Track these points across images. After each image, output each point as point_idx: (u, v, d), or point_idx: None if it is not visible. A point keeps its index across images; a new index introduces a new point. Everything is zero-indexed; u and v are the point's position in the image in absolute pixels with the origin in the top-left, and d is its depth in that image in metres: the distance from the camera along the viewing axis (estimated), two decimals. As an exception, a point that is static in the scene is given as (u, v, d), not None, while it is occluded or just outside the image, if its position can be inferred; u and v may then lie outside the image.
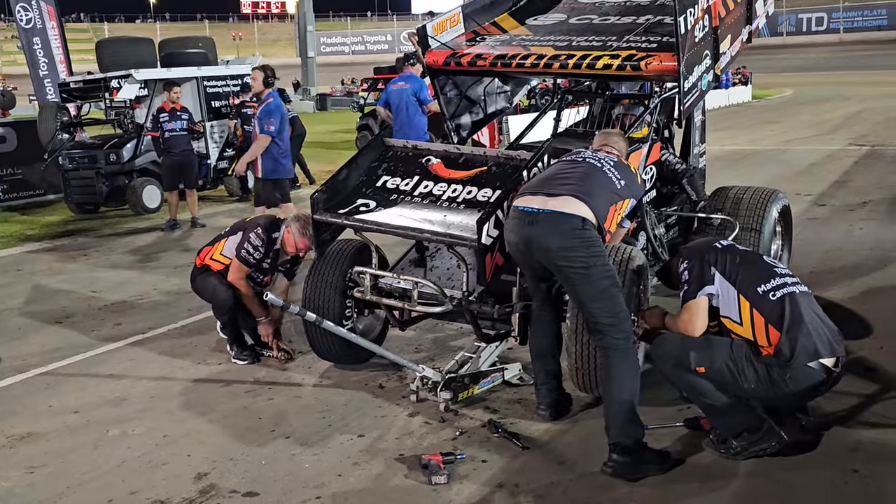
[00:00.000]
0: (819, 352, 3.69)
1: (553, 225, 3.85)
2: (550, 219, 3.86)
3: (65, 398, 4.97)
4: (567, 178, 4.04)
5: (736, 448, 3.81)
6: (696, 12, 5.06)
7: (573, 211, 3.86)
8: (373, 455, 4.03)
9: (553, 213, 3.87)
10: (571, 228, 3.83)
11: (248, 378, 5.14)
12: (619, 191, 4.08)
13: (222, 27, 79.91)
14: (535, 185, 4.15)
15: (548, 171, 4.26)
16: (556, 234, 3.84)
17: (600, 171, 4.10)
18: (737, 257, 3.92)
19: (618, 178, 4.10)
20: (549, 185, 4.05)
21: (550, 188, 4.01)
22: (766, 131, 18.67)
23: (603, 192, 4.01)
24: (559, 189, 3.97)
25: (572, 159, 4.24)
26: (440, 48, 5.91)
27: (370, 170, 5.11)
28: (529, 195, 4.04)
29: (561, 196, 3.92)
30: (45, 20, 14.49)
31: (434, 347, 5.51)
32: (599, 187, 4.02)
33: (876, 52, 53.37)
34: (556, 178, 4.09)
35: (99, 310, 6.84)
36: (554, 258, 3.86)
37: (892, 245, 7.58)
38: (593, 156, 4.22)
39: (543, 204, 3.92)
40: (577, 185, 3.97)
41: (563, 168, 4.18)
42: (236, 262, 5.29)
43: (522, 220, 3.94)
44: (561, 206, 3.88)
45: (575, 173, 4.08)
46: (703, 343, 3.83)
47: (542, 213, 3.89)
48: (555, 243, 3.84)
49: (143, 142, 11.49)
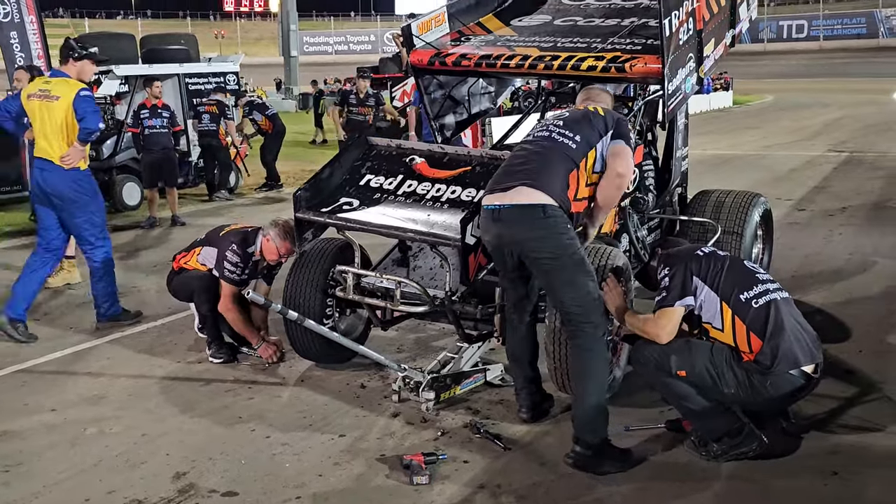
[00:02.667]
0: (799, 360, 3.71)
1: (516, 219, 3.87)
2: (512, 213, 3.87)
3: (41, 396, 4.90)
4: (521, 166, 4.01)
5: (717, 451, 3.83)
6: (680, 15, 5.08)
7: (530, 201, 3.84)
8: (354, 455, 4.01)
9: (513, 207, 3.87)
10: (533, 219, 3.82)
11: (228, 377, 5.09)
12: (576, 150, 3.97)
13: (204, 25, 79.39)
14: (495, 179, 4.10)
15: (506, 161, 4.21)
16: (522, 227, 3.85)
17: (550, 142, 4.03)
18: (719, 264, 3.93)
19: (570, 136, 4.00)
20: (506, 177, 4.02)
21: (507, 180, 3.98)
22: (747, 136, 18.80)
23: (555, 165, 3.94)
24: (513, 180, 3.94)
25: (526, 141, 4.21)
26: (425, 48, 5.90)
27: (353, 168, 5.08)
28: (490, 192, 4.03)
29: (514, 187, 3.90)
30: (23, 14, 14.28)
31: (416, 347, 5.50)
32: (550, 162, 3.95)
33: (855, 59, 53.97)
34: (511, 167, 4.06)
35: (77, 307, 6.76)
36: (526, 250, 3.89)
37: (870, 250, 7.66)
38: (543, 127, 4.16)
39: (502, 199, 3.92)
40: (527, 171, 3.95)
41: (518, 155, 4.14)
42: (225, 285, 5.25)
43: (489, 219, 3.97)
44: (517, 199, 3.87)
45: (528, 158, 4.04)
46: (684, 347, 3.84)
47: (503, 210, 3.89)
48: (522, 235, 3.86)
49: (124, 138, 11.39)
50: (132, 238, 9.68)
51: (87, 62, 6.19)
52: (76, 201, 6.03)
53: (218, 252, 5.29)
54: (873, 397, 4.49)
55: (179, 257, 5.59)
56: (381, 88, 19.63)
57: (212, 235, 5.51)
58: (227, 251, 5.24)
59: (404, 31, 5.90)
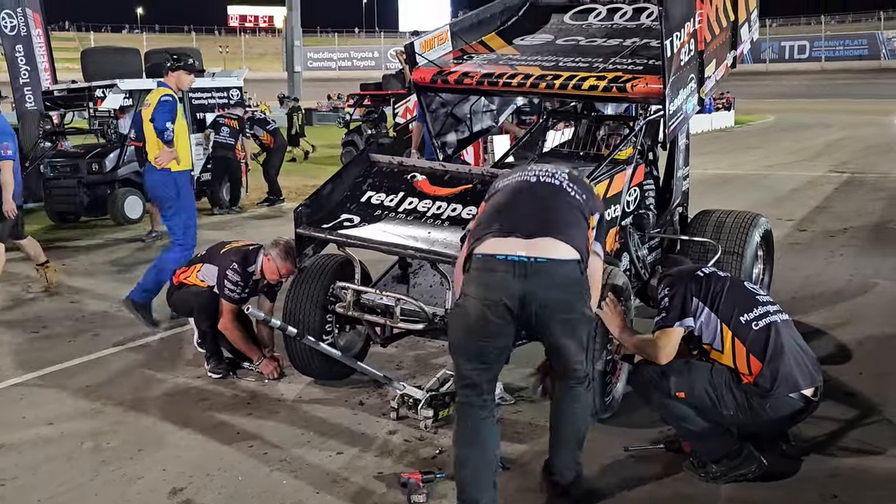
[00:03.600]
0: (799, 383, 3.71)
1: (551, 275, 3.27)
2: (547, 268, 3.26)
3: (39, 409, 4.89)
4: (534, 210, 3.45)
5: (715, 472, 3.81)
6: (682, 36, 5.10)
7: (566, 255, 3.31)
8: (351, 472, 3.99)
9: (549, 261, 3.27)
10: (571, 277, 3.32)
11: (227, 392, 5.08)
12: (584, 209, 3.54)
13: (209, 39, 79.83)
14: (498, 221, 3.42)
15: (500, 199, 3.57)
16: (557, 287, 3.29)
17: (561, 191, 3.55)
18: (719, 285, 3.92)
19: (579, 193, 3.58)
20: (516, 220, 3.39)
21: (521, 225, 3.35)
22: (749, 156, 18.82)
23: (575, 218, 3.48)
24: (532, 226, 3.35)
25: (524, 180, 3.61)
26: (427, 66, 5.92)
27: (355, 185, 5.09)
28: (499, 236, 3.34)
29: (541, 237, 3.32)
30: (30, 28, 14.39)
31: (415, 365, 5.48)
32: (571, 214, 3.48)
33: (857, 80, 54.12)
34: (517, 209, 3.47)
35: (76, 320, 6.75)
36: (556, 313, 3.31)
37: (871, 272, 7.64)
38: (544, 172, 3.64)
39: (529, 249, 3.28)
40: (550, 218, 3.41)
41: (521, 195, 3.54)
42: (225, 303, 5.26)
43: (511, 273, 3.25)
44: (550, 251, 3.29)
45: (538, 201, 3.50)
46: (684, 368, 3.83)
47: (535, 263, 3.25)
48: (557, 296, 3.28)
49: (127, 152, 11.42)
50: (133, 251, 9.70)
51: (182, 72, 6.86)
52: (164, 199, 6.75)
53: (219, 270, 5.29)
54: (873, 420, 4.46)
55: (179, 272, 5.60)
56: (384, 105, 19.73)
57: (213, 252, 5.51)
58: (228, 270, 5.24)
59: (407, 49, 5.93)
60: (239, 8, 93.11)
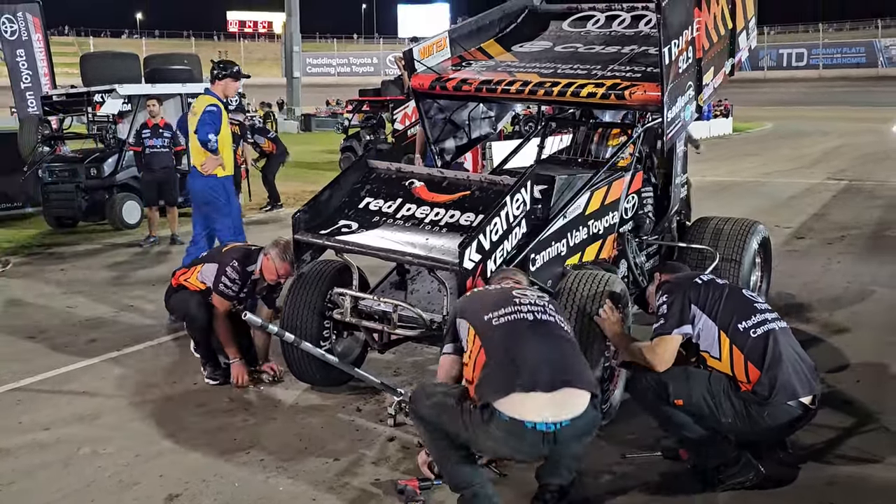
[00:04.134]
0: (797, 391, 3.70)
1: (575, 433, 3.33)
2: (572, 430, 3.29)
3: (36, 415, 4.88)
4: (545, 355, 3.40)
5: (714, 480, 3.80)
6: (680, 44, 5.12)
7: (585, 404, 3.32)
8: (348, 479, 3.98)
9: (572, 422, 3.27)
10: (590, 423, 3.38)
11: (224, 398, 5.07)
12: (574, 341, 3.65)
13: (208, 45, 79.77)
14: (514, 371, 3.32)
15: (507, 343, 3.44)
16: (579, 438, 3.38)
17: (556, 326, 3.57)
18: (717, 293, 3.92)
19: (565, 327, 3.64)
20: (533, 370, 3.32)
21: (540, 377, 3.29)
22: (747, 163, 18.85)
23: (577, 351, 3.57)
24: (550, 375, 3.31)
25: (522, 319, 3.52)
26: (426, 72, 5.93)
27: (353, 191, 5.09)
28: (521, 392, 3.26)
29: (561, 388, 3.30)
30: (30, 32, 14.42)
31: (413, 371, 5.48)
32: (574, 350, 3.54)
33: (854, 88, 54.24)
34: (529, 355, 3.38)
35: (74, 325, 6.75)
36: (572, 453, 3.47)
37: (869, 279, 7.65)
38: (537, 307, 3.59)
39: (555, 411, 3.25)
40: (562, 363, 3.41)
41: (527, 338, 3.45)
42: (217, 297, 5.26)
43: (541, 441, 3.26)
44: (573, 408, 3.29)
45: (545, 344, 3.45)
46: (682, 375, 3.83)
47: (562, 429, 3.26)
48: (577, 443, 3.41)
49: (125, 157, 11.43)
50: (131, 256, 9.69)
51: (228, 80, 6.96)
52: (210, 203, 6.88)
53: (218, 267, 5.29)
54: (871, 428, 4.46)
55: (179, 273, 5.59)
56: (383, 111, 19.76)
57: (214, 252, 5.52)
58: (227, 267, 5.24)
59: (406, 56, 5.94)
60: (238, 13, 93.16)
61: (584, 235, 5.11)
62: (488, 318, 3.54)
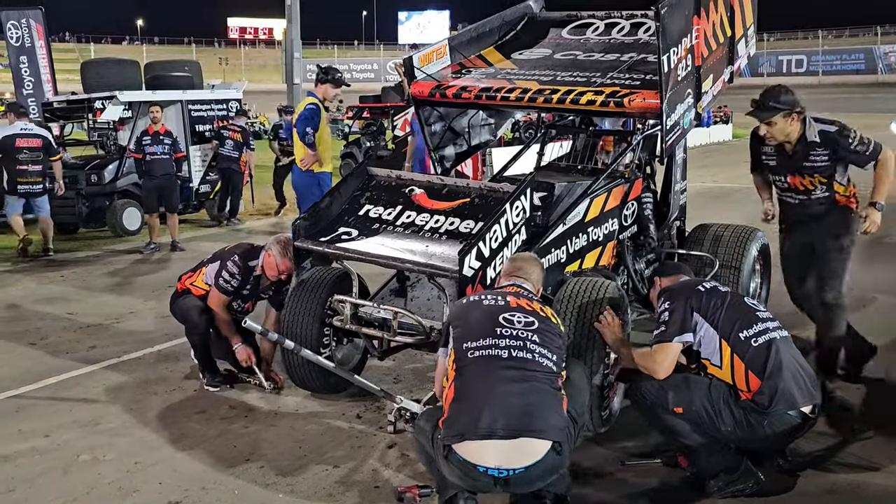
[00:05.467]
0: (797, 400, 3.70)
1: (530, 479, 3.30)
2: (525, 476, 3.27)
3: (36, 422, 4.88)
4: (508, 401, 3.31)
5: (713, 487, 3.81)
6: (679, 51, 5.13)
7: (541, 454, 3.26)
8: (348, 486, 3.99)
9: (526, 469, 3.25)
10: (548, 468, 3.30)
11: (224, 405, 5.07)
12: (556, 373, 3.49)
13: (209, 51, 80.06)
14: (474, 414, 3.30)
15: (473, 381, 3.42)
16: (536, 482, 3.34)
17: (532, 365, 3.43)
18: (719, 301, 3.92)
19: (548, 356, 3.49)
20: (493, 415, 3.27)
21: (497, 425, 3.25)
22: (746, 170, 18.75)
23: (548, 396, 3.39)
24: (508, 423, 3.26)
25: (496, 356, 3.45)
26: (426, 79, 5.95)
27: (353, 198, 5.11)
28: (476, 439, 3.26)
29: (518, 437, 3.25)
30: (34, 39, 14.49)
31: (413, 378, 5.48)
32: (544, 394, 3.38)
33: (854, 94, 54.27)
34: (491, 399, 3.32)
35: (74, 332, 6.75)
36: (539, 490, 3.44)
37: (869, 285, 7.63)
38: (515, 341, 3.49)
39: (508, 459, 3.24)
40: (525, 410, 3.30)
41: (494, 379, 3.39)
42: (214, 290, 5.27)
43: (492, 483, 3.29)
44: (527, 457, 3.25)
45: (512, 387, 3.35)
46: (682, 383, 3.83)
47: (514, 475, 3.26)
48: (537, 486, 3.38)
49: (126, 163, 11.45)
50: (132, 263, 9.70)
51: (328, 85, 7.67)
52: (306, 198, 7.49)
53: (220, 263, 5.31)
54: (870, 435, 4.46)
55: (185, 278, 5.59)
56: (384, 117, 19.77)
57: (218, 253, 5.52)
58: (229, 261, 5.27)
59: (406, 63, 5.96)
60: (239, 20, 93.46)
61: (583, 242, 5.12)
62: (466, 348, 3.50)
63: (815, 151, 4.97)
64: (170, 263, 9.56)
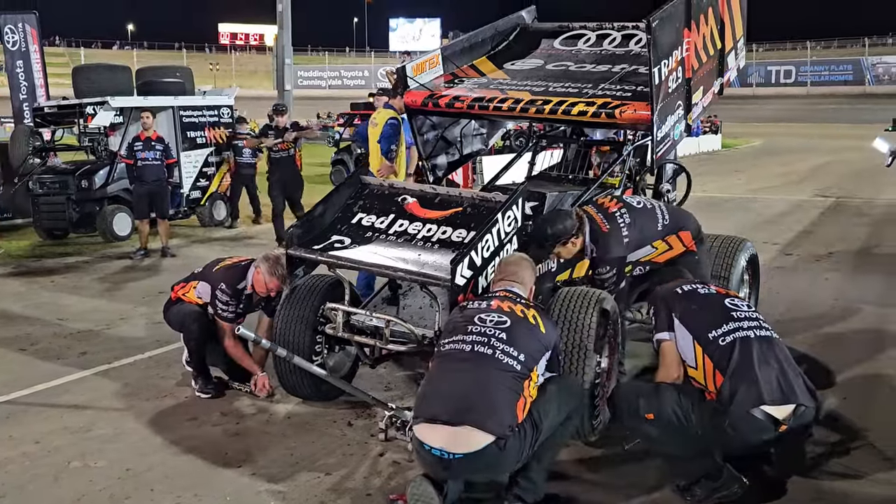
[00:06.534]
0: (762, 398, 3.65)
1: (467, 468, 3.50)
2: (463, 463, 3.45)
3: (26, 428, 4.87)
4: (459, 391, 3.53)
5: (699, 495, 3.83)
6: (670, 63, 5.19)
7: (480, 444, 3.42)
8: (340, 494, 4.00)
9: (464, 456, 3.43)
10: (487, 461, 3.46)
11: (215, 412, 5.08)
12: (520, 372, 3.59)
13: (200, 56, 79.94)
14: (429, 401, 3.59)
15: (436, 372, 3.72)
16: (476, 472, 3.56)
17: (494, 363, 3.59)
18: (694, 303, 3.99)
19: (513, 355, 3.61)
20: (443, 402, 3.52)
21: (445, 410, 3.48)
22: (735, 179, 18.99)
23: (501, 393, 3.52)
24: (454, 411, 3.47)
25: (458, 350, 3.68)
26: (419, 89, 5.99)
27: (346, 207, 5.13)
28: (427, 422, 3.52)
29: (461, 425, 3.43)
30: (28, 43, 14.47)
31: (404, 386, 5.50)
32: (497, 391, 3.52)
33: (842, 105, 54.74)
34: (445, 387, 3.59)
35: (64, 338, 6.74)
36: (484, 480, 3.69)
37: (856, 296, 7.72)
38: (481, 337, 3.68)
39: (448, 443, 3.44)
40: (472, 402, 3.48)
41: (452, 371, 3.63)
42: (220, 321, 5.32)
43: (436, 464, 3.51)
44: (466, 445, 3.43)
45: (465, 378, 3.56)
46: (653, 391, 3.90)
47: (453, 459, 3.45)
48: (478, 478, 3.63)
49: (116, 169, 11.44)
50: (122, 269, 9.69)
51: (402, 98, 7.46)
52: None
53: (210, 290, 5.32)
54: (857, 444, 4.50)
55: (178, 288, 5.61)
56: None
57: (207, 270, 5.53)
58: (217, 290, 5.28)
59: (399, 73, 6.00)
60: (230, 26, 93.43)
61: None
62: (441, 344, 3.81)
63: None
64: (160, 269, 9.55)
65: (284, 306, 5.05)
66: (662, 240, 5.03)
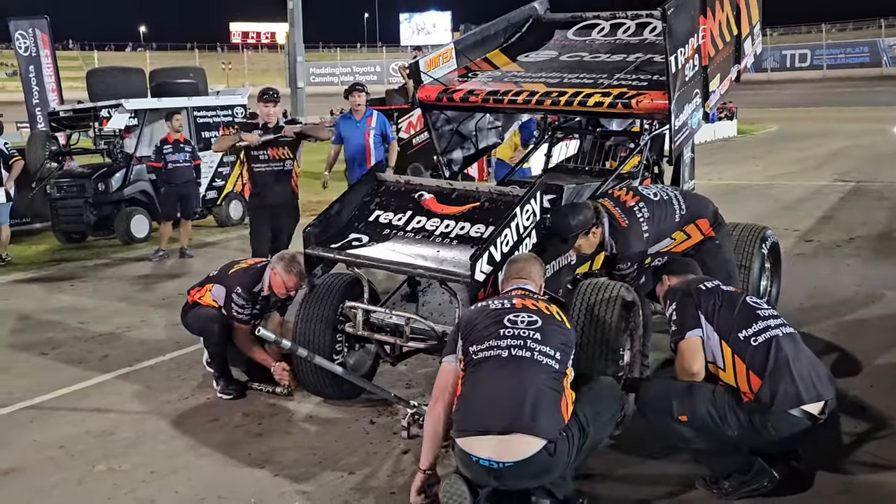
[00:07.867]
0: (801, 397, 3.63)
1: (520, 475, 3.41)
2: (515, 471, 3.39)
3: (50, 432, 4.89)
4: (505, 399, 3.46)
5: (728, 488, 3.79)
6: (686, 52, 5.13)
7: (534, 450, 3.37)
8: (363, 493, 3.99)
9: (516, 464, 3.37)
10: (539, 467, 3.41)
11: (238, 413, 5.08)
12: (558, 371, 3.57)
13: (212, 56, 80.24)
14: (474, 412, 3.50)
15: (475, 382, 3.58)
16: (528, 479, 3.45)
17: (532, 365, 3.54)
18: (719, 301, 3.91)
19: (550, 354, 3.57)
20: (491, 413, 3.44)
21: (494, 421, 3.42)
22: (752, 166, 18.83)
23: (546, 396, 3.48)
24: (503, 421, 3.40)
25: (496, 356, 3.58)
26: (433, 84, 5.96)
27: (363, 204, 5.12)
28: (474, 435, 3.45)
29: (511, 433, 3.38)
30: (39, 48, 14.58)
31: (425, 383, 5.47)
32: (541, 394, 3.47)
33: (859, 88, 54.14)
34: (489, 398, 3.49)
35: (86, 341, 6.77)
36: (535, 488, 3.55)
37: (879, 281, 7.63)
38: (517, 341, 3.60)
39: (500, 453, 3.38)
40: (519, 410, 3.41)
41: (493, 379, 3.54)
42: (235, 324, 5.31)
43: (486, 473, 3.43)
44: (519, 452, 3.37)
45: (509, 385, 3.49)
46: (686, 391, 3.80)
47: (505, 468, 3.38)
48: (529, 484, 3.49)
49: (133, 171, 11.49)
50: (141, 271, 9.73)
51: None
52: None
53: (225, 293, 5.33)
54: (886, 433, 4.44)
55: (194, 292, 5.62)
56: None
57: (222, 272, 5.54)
58: (233, 294, 5.29)
59: (412, 67, 5.97)
60: (241, 24, 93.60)
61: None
62: (473, 351, 3.66)
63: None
64: (179, 271, 9.58)
65: (304, 305, 5.04)
66: (681, 230, 4.97)
